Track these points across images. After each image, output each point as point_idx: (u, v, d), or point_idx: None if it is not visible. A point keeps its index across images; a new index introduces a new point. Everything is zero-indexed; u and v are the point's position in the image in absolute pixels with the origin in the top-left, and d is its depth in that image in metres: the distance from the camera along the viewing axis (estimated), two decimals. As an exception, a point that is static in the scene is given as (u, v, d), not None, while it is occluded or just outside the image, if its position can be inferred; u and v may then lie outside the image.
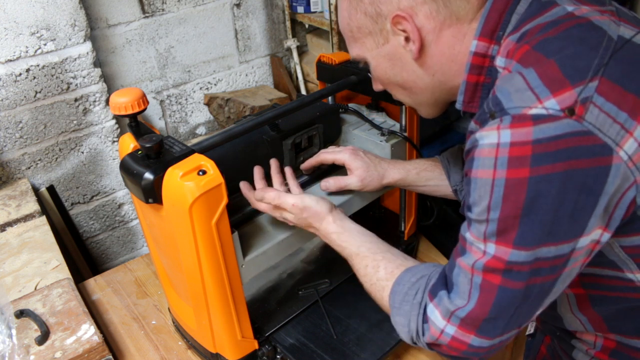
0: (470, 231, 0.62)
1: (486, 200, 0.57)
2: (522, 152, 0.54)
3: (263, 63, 2.02)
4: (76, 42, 1.46)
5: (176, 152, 0.75)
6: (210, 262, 0.75)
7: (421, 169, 0.96)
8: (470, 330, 0.63)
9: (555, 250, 0.57)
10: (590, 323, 0.74)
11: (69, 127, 1.53)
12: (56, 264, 1.16)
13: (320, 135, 0.97)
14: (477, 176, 0.58)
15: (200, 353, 0.95)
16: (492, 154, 0.56)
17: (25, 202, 1.37)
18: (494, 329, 0.62)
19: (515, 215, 0.56)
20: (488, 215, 0.58)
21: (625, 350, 0.73)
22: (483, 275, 0.60)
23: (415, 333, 0.68)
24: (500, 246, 0.58)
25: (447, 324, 0.64)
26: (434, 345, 0.68)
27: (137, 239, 1.83)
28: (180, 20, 1.76)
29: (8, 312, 0.94)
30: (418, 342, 0.69)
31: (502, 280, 0.59)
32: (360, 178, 0.91)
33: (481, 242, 0.60)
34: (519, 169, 0.54)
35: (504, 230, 0.57)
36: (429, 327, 0.66)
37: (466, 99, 0.69)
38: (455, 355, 0.66)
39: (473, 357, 0.66)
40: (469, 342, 0.64)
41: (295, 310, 0.97)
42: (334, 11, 1.71)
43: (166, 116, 1.86)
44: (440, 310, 0.65)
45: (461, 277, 0.63)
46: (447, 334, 0.64)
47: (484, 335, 0.63)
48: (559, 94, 0.54)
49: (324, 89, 1.00)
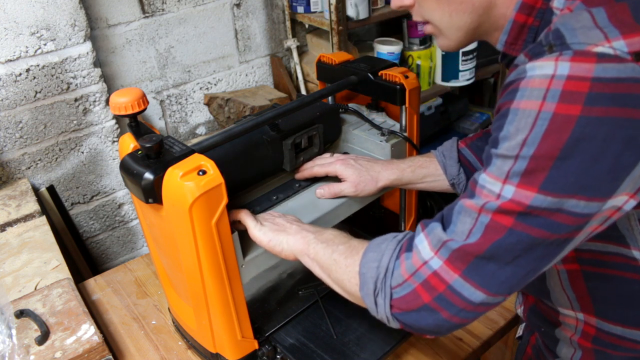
0: (488, 171, 0.57)
1: (524, 133, 0.53)
2: (579, 87, 0.50)
3: (263, 63, 2.02)
4: (76, 42, 1.46)
5: (176, 152, 0.75)
6: (210, 262, 0.75)
7: (416, 166, 0.96)
8: (457, 267, 0.57)
9: (583, 206, 0.53)
10: (579, 301, 0.72)
11: (69, 127, 1.53)
12: (56, 264, 1.15)
13: (320, 135, 0.97)
14: (520, 107, 0.53)
15: (200, 353, 0.95)
16: (544, 85, 0.51)
17: (25, 202, 1.37)
18: (482, 273, 0.57)
19: (551, 155, 0.52)
20: (520, 151, 0.53)
21: (606, 337, 0.72)
22: (493, 216, 0.55)
23: (384, 271, 0.62)
24: (522, 189, 0.53)
25: (434, 255, 0.59)
26: (405, 283, 0.60)
27: (137, 239, 1.83)
28: (180, 20, 1.76)
29: (8, 312, 0.94)
30: (382, 288, 0.62)
31: (514, 223, 0.54)
32: (353, 184, 0.92)
33: (498, 183, 0.55)
34: (570, 104, 0.50)
35: (532, 171, 0.53)
36: (412, 256, 0.60)
37: (509, 40, 0.65)
38: (425, 302, 0.59)
39: (443, 312, 0.59)
40: (449, 282, 0.58)
41: (295, 310, 0.97)
42: (334, 11, 1.71)
43: (166, 116, 1.86)
44: (430, 240, 0.60)
45: (463, 215, 0.58)
46: (429, 266, 0.59)
47: (469, 277, 0.57)
48: (628, 37, 0.51)
49: (324, 89, 1.00)
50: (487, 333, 1.01)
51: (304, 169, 0.98)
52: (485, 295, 0.57)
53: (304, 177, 0.98)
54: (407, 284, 0.60)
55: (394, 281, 0.61)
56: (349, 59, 1.09)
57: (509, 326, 1.03)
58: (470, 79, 2.09)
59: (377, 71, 1.01)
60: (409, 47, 2.05)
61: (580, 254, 0.68)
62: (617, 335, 0.71)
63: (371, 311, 0.65)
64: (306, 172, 0.97)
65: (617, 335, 0.71)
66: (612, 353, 0.73)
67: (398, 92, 0.97)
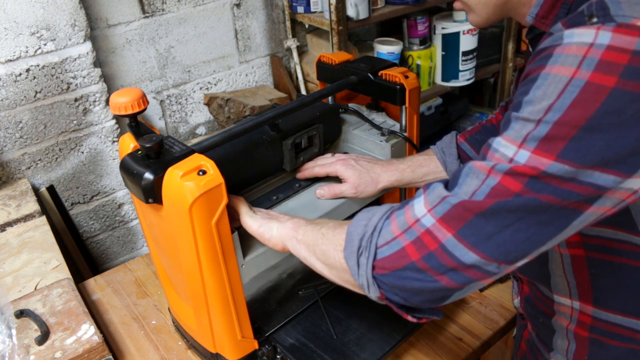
0: (505, 134, 0.54)
1: (551, 99, 0.51)
2: (618, 58, 0.48)
3: (263, 63, 2.02)
4: (76, 42, 1.46)
5: (176, 152, 0.75)
6: (210, 262, 0.75)
7: (416, 165, 0.95)
8: (452, 226, 0.54)
9: (598, 177, 0.51)
10: (578, 288, 0.71)
11: (69, 127, 1.53)
12: (56, 264, 1.15)
13: (320, 135, 0.97)
14: (551, 72, 0.51)
15: (200, 353, 0.95)
16: (581, 52, 0.49)
17: (25, 202, 1.37)
18: (478, 232, 0.53)
19: (576, 124, 0.50)
20: (543, 116, 0.51)
21: (603, 325, 0.72)
22: (502, 179, 0.52)
23: (372, 229, 0.59)
24: (539, 155, 0.51)
25: (427, 212, 0.56)
26: (394, 241, 0.57)
27: (137, 239, 1.83)
28: (180, 20, 1.76)
29: (8, 312, 0.94)
30: (367, 247, 0.59)
31: (522, 189, 0.52)
32: (353, 186, 0.92)
33: (514, 147, 0.52)
34: (606, 75, 0.48)
35: (553, 138, 0.50)
36: (405, 212, 0.57)
37: (541, 12, 0.63)
38: (412, 260, 0.56)
39: (431, 271, 0.56)
40: (442, 241, 0.54)
41: (295, 310, 0.97)
42: (334, 11, 1.71)
43: (166, 116, 1.86)
44: (428, 198, 0.57)
45: (470, 177, 0.55)
46: (422, 224, 0.56)
47: (463, 237, 0.54)
48: None
49: (324, 89, 1.00)
50: (487, 333, 1.01)
51: (304, 169, 0.98)
52: (478, 257, 0.54)
53: (305, 177, 0.98)
54: (397, 242, 0.57)
55: (382, 239, 0.59)
56: (349, 59, 1.09)
57: (509, 326, 1.03)
58: (470, 79, 2.09)
59: (377, 71, 1.01)
60: (409, 47, 2.05)
61: (587, 239, 0.67)
62: (615, 324, 0.71)
63: (352, 274, 0.61)
64: (307, 172, 0.97)
65: (615, 324, 0.71)
66: (609, 342, 0.73)
67: (398, 92, 0.97)
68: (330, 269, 0.67)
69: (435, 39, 2.04)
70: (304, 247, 0.71)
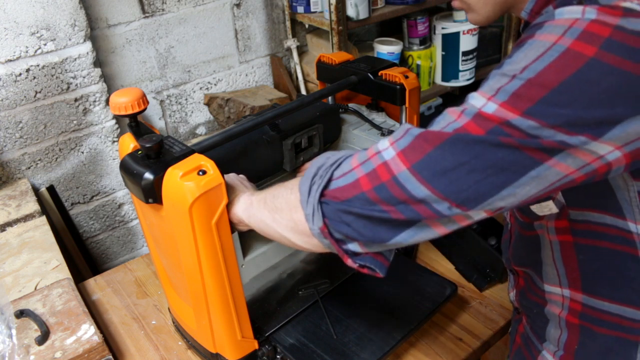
0: (480, 89, 0.55)
1: (529, 59, 0.52)
2: (600, 30, 0.50)
3: (263, 63, 2.02)
4: (76, 42, 1.46)
5: (176, 152, 0.75)
6: (210, 262, 0.75)
7: None
8: (409, 159, 0.54)
9: (562, 136, 0.51)
10: (567, 276, 0.72)
11: (69, 127, 1.53)
12: (56, 264, 1.16)
13: (320, 135, 0.97)
14: (537, 38, 0.53)
15: (200, 353, 0.95)
16: (567, 24, 0.52)
17: (25, 202, 1.37)
18: (433, 168, 0.53)
19: (548, 85, 0.51)
20: (519, 73, 0.52)
21: (593, 312, 0.73)
22: (470, 120, 0.53)
23: (331, 162, 0.59)
24: (505, 109, 0.52)
25: (389, 146, 0.56)
26: (350, 173, 0.57)
27: (137, 239, 1.83)
28: (180, 20, 1.76)
29: (8, 312, 0.94)
30: (322, 177, 0.59)
31: (487, 133, 0.52)
32: None
33: (484, 99, 0.53)
34: (587, 44, 0.50)
35: (522, 95, 0.51)
36: (368, 149, 0.58)
37: (536, 8, 0.65)
38: (361, 191, 0.56)
39: (380, 203, 0.55)
40: (395, 174, 0.54)
41: (295, 310, 0.97)
42: (334, 11, 1.71)
43: (166, 116, 1.86)
44: (394, 134, 0.57)
45: (440, 119, 0.56)
46: (381, 156, 0.56)
47: (417, 172, 0.53)
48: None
49: (324, 89, 1.00)
50: (487, 333, 1.01)
51: (304, 169, 0.98)
52: (429, 192, 0.53)
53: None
54: (352, 174, 0.57)
55: (339, 171, 0.59)
56: (349, 59, 1.09)
57: (509, 326, 1.03)
58: (470, 79, 2.09)
59: (377, 71, 1.01)
60: (409, 47, 2.05)
61: (574, 224, 0.67)
62: (603, 311, 0.71)
63: (301, 202, 0.60)
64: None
65: (603, 310, 0.71)
66: (597, 330, 0.73)
67: (398, 92, 0.97)
68: (280, 214, 0.65)
69: (435, 39, 2.04)
70: (264, 210, 0.69)
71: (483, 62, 2.15)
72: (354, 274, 1.02)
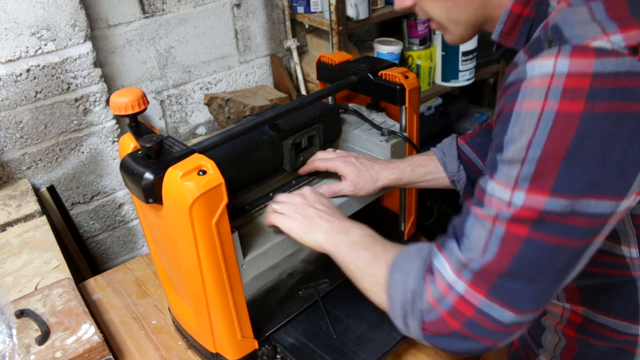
0: (495, 178, 0.56)
1: (528, 135, 0.52)
2: (580, 84, 0.50)
3: (263, 63, 2.02)
4: (76, 42, 1.47)
5: (176, 152, 0.75)
6: (210, 262, 0.75)
7: (416, 165, 0.96)
8: (482, 287, 0.56)
9: (595, 206, 0.52)
10: (565, 292, 0.73)
11: (69, 127, 1.53)
12: (56, 264, 1.16)
13: (320, 135, 0.97)
14: (522, 108, 0.53)
15: (200, 353, 0.95)
16: (545, 84, 0.51)
17: (25, 202, 1.37)
18: (507, 292, 0.55)
19: (558, 155, 0.51)
20: (526, 154, 0.52)
21: (590, 325, 0.73)
22: (507, 227, 0.54)
23: (411, 295, 0.61)
24: (534, 194, 0.52)
25: (457, 279, 0.57)
26: (434, 309, 0.59)
27: (137, 239, 1.83)
28: (180, 20, 1.76)
29: (8, 312, 0.94)
30: (412, 312, 0.61)
31: (530, 232, 0.53)
32: (352, 183, 0.92)
33: (508, 190, 0.54)
34: (573, 101, 0.50)
35: (541, 174, 0.52)
36: (436, 280, 0.59)
37: (505, 30, 0.65)
38: (456, 328, 0.58)
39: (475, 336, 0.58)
40: (477, 305, 0.56)
41: (295, 310, 0.97)
42: (334, 11, 1.71)
43: (166, 116, 1.86)
44: (451, 263, 0.58)
45: (477, 228, 0.57)
46: (456, 291, 0.57)
47: (495, 297, 0.56)
48: (626, 31, 0.51)
49: (324, 89, 1.00)
50: (487, 333, 1.01)
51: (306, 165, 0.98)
52: (515, 314, 0.56)
53: (307, 171, 0.98)
54: (435, 311, 0.59)
55: (422, 305, 0.61)
56: (349, 59, 1.09)
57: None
58: (470, 79, 2.09)
59: (377, 71, 1.01)
60: (409, 47, 2.05)
61: None
62: (600, 325, 0.72)
63: (402, 332, 0.65)
64: (308, 166, 0.98)
65: (600, 324, 0.72)
66: (594, 342, 0.73)
67: (398, 92, 0.97)
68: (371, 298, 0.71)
69: (435, 39, 2.04)
70: (344, 267, 0.76)
71: (483, 62, 2.15)
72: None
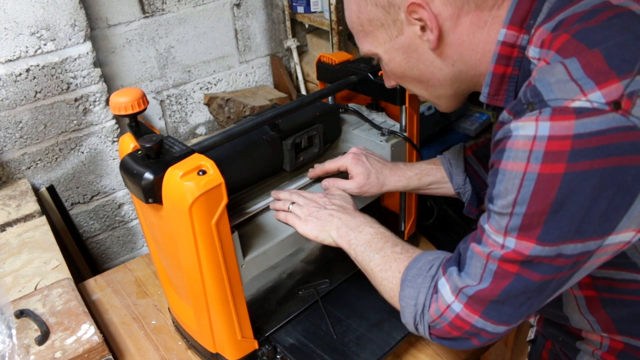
0: (490, 223, 0.60)
1: (513, 194, 0.55)
2: (560, 146, 0.51)
3: (263, 63, 2.02)
4: (76, 42, 1.46)
5: (176, 152, 0.75)
6: (210, 262, 0.75)
7: (423, 174, 0.96)
8: (476, 310, 0.63)
9: (581, 247, 0.56)
10: (599, 324, 0.73)
11: (69, 127, 1.53)
12: (56, 264, 1.16)
13: (320, 135, 0.97)
14: (507, 168, 0.55)
15: (200, 353, 0.95)
16: (527, 147, 0.53)
17: (25, 202, 1.37)
18: (500, 313, 0.62)
19: (542, 212, 0.54)
20: (513, 210, 0.56)
21: (633, 351, 0.73)
22: (499, 264, 0.59)
23: (421, 308, 0.68)
24: (522, 241, 0.56)
25: (455, 300, 0.64)
26: (436, 322, 0.67)
27: (137, 239, 1.83)
28: (180, 20, 1.76)
29: (8, 312, 0.94)
30: (421, 321, 0.69)
31: (519, 270, 0.58)
32: (358, 185, 0.93)
33: (500, 236, 0.58)
34: (554, 164, 0.52)
35: (528, 226, 0.55)
36: (438, 299, 0.66)
37: (491, 92, 0.66)
38: (457, 335, 0.66)
39: (473, 340, 0.66)
40: (472, 323, 0.63)
41: (295, 310, 0.97)
42: (334, 11, 1.71)
43: (166, 116, 1.86)
44: (450, 285, 0.65)
45: (474, 260, 0.62)
46: (452, 310, 0.64)
47: (489, 318, 0.62)
48: (604, 86, 0.51)
49: (324, 89, 1.00)
50: (487, 333, 1.01)
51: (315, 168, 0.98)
52: (507, 327, 0.63)
53: (316, 175, 0.98)
54: (438, 323, 0.67)
55: (429, 318, 0.68)
56: (349, 59, 1.09)
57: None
58: (470, 79, 2.08)
59: (377, 71, 1.01)
60: (409, 47, 2.05)
61: (595, 281, 0.68)
62: None
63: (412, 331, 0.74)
64: (318, 169, 0.98)
65: None
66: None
67: (398, 92, 0.97)
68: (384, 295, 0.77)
69: (435, 39, 2.04)
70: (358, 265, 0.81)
71: (483, 62, 2.15)
72: (354, 274, 1.02)
